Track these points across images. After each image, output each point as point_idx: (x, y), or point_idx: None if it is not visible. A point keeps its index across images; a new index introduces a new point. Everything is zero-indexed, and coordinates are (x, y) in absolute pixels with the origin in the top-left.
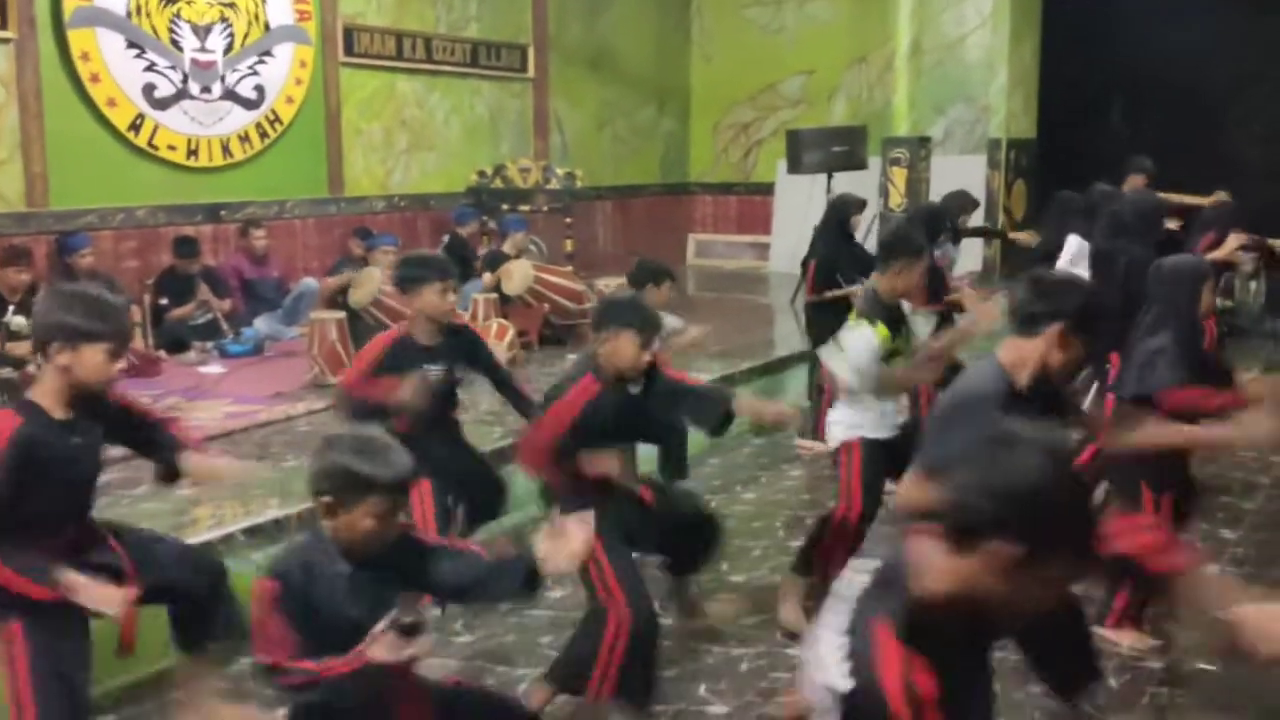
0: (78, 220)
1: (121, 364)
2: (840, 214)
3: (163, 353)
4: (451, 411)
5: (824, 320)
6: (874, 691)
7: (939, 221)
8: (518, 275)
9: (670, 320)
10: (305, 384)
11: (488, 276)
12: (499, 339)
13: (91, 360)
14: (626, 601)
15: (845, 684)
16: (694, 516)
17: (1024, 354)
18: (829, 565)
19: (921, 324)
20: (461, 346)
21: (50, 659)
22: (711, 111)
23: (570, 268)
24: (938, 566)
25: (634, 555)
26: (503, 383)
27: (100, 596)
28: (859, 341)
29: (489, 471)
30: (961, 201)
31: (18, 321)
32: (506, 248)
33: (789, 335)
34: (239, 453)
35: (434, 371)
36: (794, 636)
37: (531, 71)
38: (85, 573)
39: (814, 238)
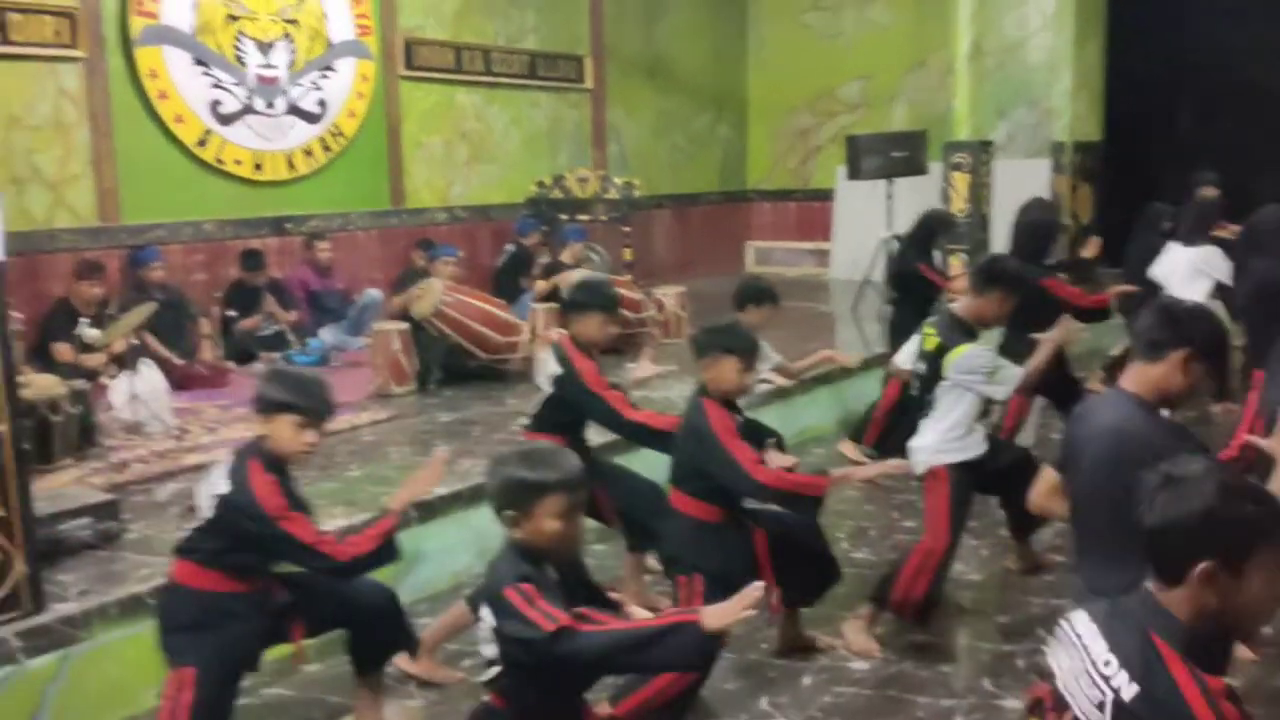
0: (148, 234)
1: (312, 436)
2: (931, 230)
3: (231, 364)
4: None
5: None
6: (1173, 700)
7: (1047, 236)
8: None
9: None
10: (369, 394)
11: (540, 284)
12: None
13: (285, 430)
14: None
15: (1130, 689)
16: (812, 549)
17: (1150, 379)
18: (908, 597)
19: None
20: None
21: (214, 710)
22: (769, 118)
23: (629, 277)
24: (1171, 600)
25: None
26: None
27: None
28: (980, 356)
29: (648, 493)
30: (1048, 214)
31: (91, 334)
32: (564, 257)
33: (851, 344)
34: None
35: None
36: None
37: (589, 82)
38: (263, 616)
39: (902, 246)
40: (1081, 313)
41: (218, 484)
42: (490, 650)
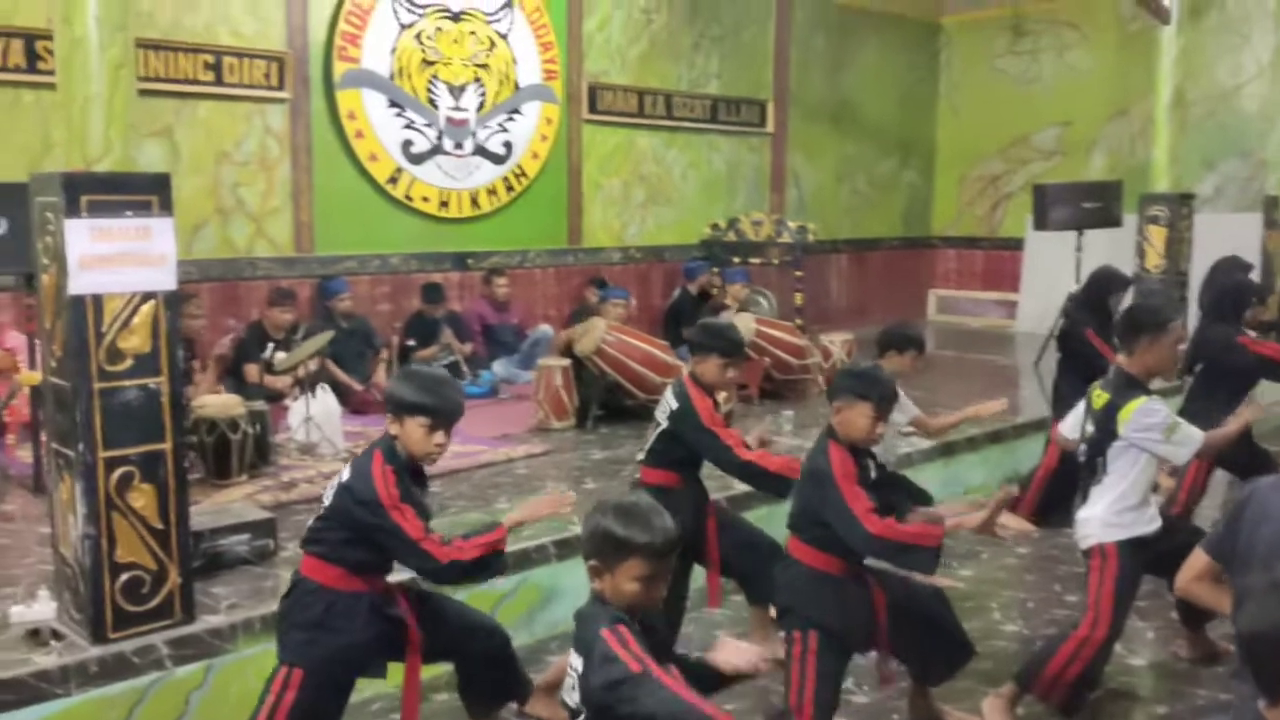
0: (338, 266)
1: (442, 439)
2: (1101, 289)
3: None
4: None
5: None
6: None
7: (1245, 299)
8: (738, 328)
9: (902, 401)
10: (531, 427)
11: None
12: None
13: (415, 432)
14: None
15: None
16: (941, 623)
17: None
18: (1056, 683)
19: None
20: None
21: (315, 717)
22: (958, 164)
23: (797, 322)
24: None
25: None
26: None
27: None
28: (1157, 412)
29: (763, 544)
30: (1248, 274)
31: (279, 357)
32: (727, 299)
33: (1031, 399)
34: (454, 492)
35: None
36: None
37: (770, 126)
38: (382, 623)
39: (1071, 306)
40: None
41: (344, 473)
42: (574, 698)
